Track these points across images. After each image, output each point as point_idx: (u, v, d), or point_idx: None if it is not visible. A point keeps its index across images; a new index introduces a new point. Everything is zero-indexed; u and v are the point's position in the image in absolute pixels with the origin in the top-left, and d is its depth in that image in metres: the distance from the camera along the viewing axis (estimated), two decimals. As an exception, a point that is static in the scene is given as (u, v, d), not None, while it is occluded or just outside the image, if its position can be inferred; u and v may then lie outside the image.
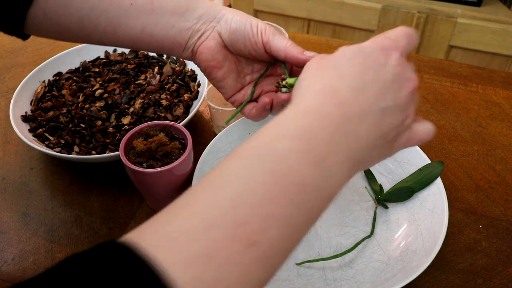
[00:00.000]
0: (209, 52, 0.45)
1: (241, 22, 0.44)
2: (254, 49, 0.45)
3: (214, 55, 0.45)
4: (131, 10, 0.43)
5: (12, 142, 0.62)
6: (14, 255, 0.48)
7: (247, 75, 0.48)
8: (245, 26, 0.44)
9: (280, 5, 1.40)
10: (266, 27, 0.45)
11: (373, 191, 0.54)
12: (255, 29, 0.44)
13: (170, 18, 0.44)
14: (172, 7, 0.44)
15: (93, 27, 0.43)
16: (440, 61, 0.79)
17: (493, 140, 0.63)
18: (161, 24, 0.44)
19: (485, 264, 0.47)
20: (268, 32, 0.44)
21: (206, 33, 0.45)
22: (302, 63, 0.43)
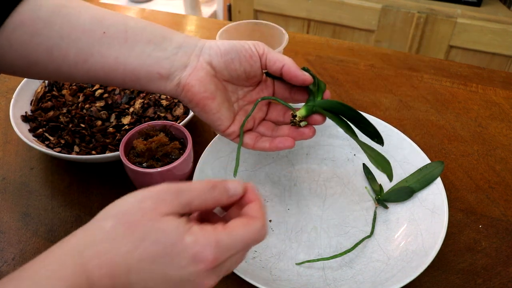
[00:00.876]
0: (201, 83, 0.42)
1: (230, 43, 0.43)
2: (251, 64, 0.43)
3: (206, 85, 0.43)
4: (104, 39, 0.40)
5: (12, 142, 0.62)
6: (14, 255, 0.48)
7: (234, 103, 0.46)
8: (235, 44, 0.43)
9: (280, 5, 1.40)
10: (257, 42, 0.44)
11: (373, 191, 0.54)
12: (247, 45, 0.43)
13: (145, 47, 0.41)
14: (147, 36, 0.42)
15: (63, 57, 0.40)
16: (440, 61, 0.79)
17: (493, 140, 0.63)
18: (136, 52, 0.41)
19: (485, 264, 0.47)
20: (262, 45, 0.44)
21: (192, 64, 0.43)
22: (299, 79, 0.43)
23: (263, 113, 0.48)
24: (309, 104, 0.45)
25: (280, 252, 0.48)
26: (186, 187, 0.31)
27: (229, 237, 0.30)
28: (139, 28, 0.42)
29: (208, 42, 0.44)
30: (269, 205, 0.53)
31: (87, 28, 0.40)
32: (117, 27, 0.41)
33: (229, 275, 0.46)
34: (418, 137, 0.63)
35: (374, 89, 0.73)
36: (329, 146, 0.58)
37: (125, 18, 0.42)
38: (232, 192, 0.33)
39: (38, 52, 0.40)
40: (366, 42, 1.38)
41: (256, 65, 0.44)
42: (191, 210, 0.31)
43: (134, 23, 0.42)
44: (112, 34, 0.41)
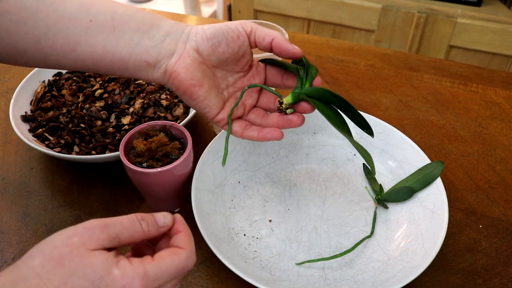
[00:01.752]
0: (188, 70, 0.42)
1: (215, 26, 0.42)
2: (239, 45, 0.42)
3: (193, 73, 0.42)
4: (91, 27, 0.40)
5: (12, 142, 0.62)
6: (14, 255, 0.48)
7: (224, 90, 0.46)
8: (221, 26, 0.42)
9: (280, 5, 1.40)
10: (244, 21, 0.43)
11: (373, 191, 0.54)
12: (233, 25, 0.42)
13: (133, 35, 0.41)
14: (135, 24, 0.41)
15: (50, 46, 0.40)
16: (440, 61, 0.79)
17: (493, 140, 0.63)
18: (124, 41, 0.41)
19: (485, 264, 0.47)
20: (249, 23, 0.43)
21: (178, 51, 0.42)
22: (289, 52, 0.43)
23: (254, 100, 0.47)
24: (296, 91, 0.44)
25: (280, 252, 0.48)
26: (113, 221, 0.32)
27: (156, 268, 0.30)
28: (127, 16, 0.41)
29: (195, 28, 0.43)
30: (269, 205, 0.53)
31: (74, 16, 0.40)
32: (104, 15, 0.41)
33: (229, 276, 0.46)
34: (418, 137, 0.63)
35: (374, 89, 0.73)
36: (329, 146, 0.58)
37: (114, 5, 0.42)
38: (161, 224, 0.34)
39: (25, 41, 0.39)
40: (366, 42, 1.38)
41: (244, 44, 0.43)
42: (120, 243, 0.32)
43: (122, 10, 0.41)
44: (99, 22, 0.40)
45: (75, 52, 0.40)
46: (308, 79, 0.44)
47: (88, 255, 0.30)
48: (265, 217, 0.51)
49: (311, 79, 0.44)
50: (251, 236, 0.49)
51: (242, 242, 0.48)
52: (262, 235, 0.49)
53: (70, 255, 0.29)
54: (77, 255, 0.29)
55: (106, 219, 0.32)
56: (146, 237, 0.33)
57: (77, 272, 0.29)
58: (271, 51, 0.43)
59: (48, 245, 0.30)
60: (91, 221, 0.31)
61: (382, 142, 0.56)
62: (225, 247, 0.45)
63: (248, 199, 0.53)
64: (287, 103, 0.44)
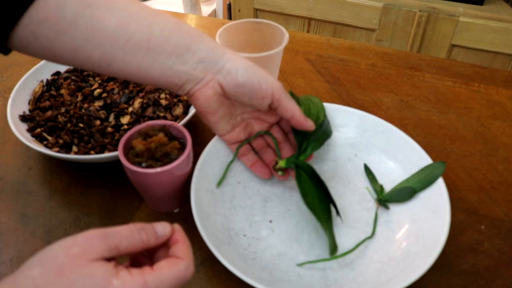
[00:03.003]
0: (206, 100, 0.45)
1: (248, 77, 0.44)
2: (260, 103, 0.45)
3: (210, 104, 0.45)
4: (127, 47, 0.41)
5: (10, 142, 0.62)
6: (12, 256, 0.48)
7: (239, 115, 0.49)
8: (252, 81, 0.44)
9: (280, 4, 1.39)
10: (275, 83, 0.45)
11: (374, 192, 0.53)
12: (265, 85, 0.44)
13: (167, 59, 0.42)
14: (170, 47, 0.42)
15: (87, 58, 0.41)
16: (441, 60, 0.79)
17: (495, 140, 0.63)
18: (158, 64, 0.42)
19: (487, 265, 0.47)
20: (280, 90, 0.45)
21: (205, 80, 0.44)
22: (304, 127, 0.48)
23: (263, 142, 0.53)
24: (290, 159, 0.50)
25: (281, 253, 0.47)
26: (113, 231, 0.32)
27: (156, 279, 0.31)
28: (163, 37, 0.42)
29: (230, 63, 0.44)
30: (269, 205, 0.52)
31: (111, 34, 0.40)
32: (141, 35, 0.41)
33: (229, 277, 0.46)
34: (420, 137, 0.63)
35: (375, 89, 0.72)
36: (330, 146, 0.58)
37: (151, 24, 0.42)
38: (160, 234, 0.34)
39: (63, 49, 0.40)
40: (367, 41, 1.37)
41: (264, 104, 0.46)
42: (119, 253, 0.32)
43: (159, 31, 0.42)
44: (135, 42, 0.41)
45: (110, 67, 0.42)
46: (305, 154, 0.50)
47: (87, 265, 0.29)
48: (265, 218, 0.51)
49: (307, 155, 0.50)
50: (251, 236, 0.49)
51: (242, 243, 0.48)
52: (262, 235, 0.49)
53: (69, 266, 0.29)
54: (76, 266, 0.29)
55: (106, 229, 0.32)
56: (145, 247, 0.33)
57: (77, 283, 0.29)
58: (289, 122, 0.48)
59: (47, 256, 0.30)
60: (91, 231, 0.31)
61: (383, 142, 0.55)
62: (225, 248, 0.45)
63: (248, 199, 0.53)
64: (280, 166, 0.50)
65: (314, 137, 0.52)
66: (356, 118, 0.57)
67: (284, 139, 0.53)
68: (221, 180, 0.51)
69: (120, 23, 0.41)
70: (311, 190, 0.48)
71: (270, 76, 0.46)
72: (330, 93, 0.71)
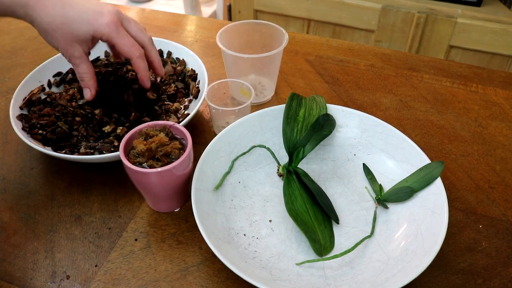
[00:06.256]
0: None
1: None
2: None
3: None
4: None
5: (12, 142, 0.62)
6: (14, 255, 0.48)
7: None
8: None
9: (280, 5, 1.40)
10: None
11: (373, 191, 0.54)
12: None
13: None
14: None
15: None
16: (440, 61, 0.79)
17: (493, 140, 0.63)
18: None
19: (485, 264, 0.47)
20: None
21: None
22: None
23: None
24: (288, 167, 0.54)
25: (280, 252, 0.48)
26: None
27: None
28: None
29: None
30: (269, 205, 0.53)
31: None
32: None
33: (229, 276, 0.46)
34: (418, 137, 0.63)
35: (374, 89, 0.73)
36: (329, 146, 0.58)
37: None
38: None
39: None
40: (366, 42, 1.38)
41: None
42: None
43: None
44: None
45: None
46: (297, 160, 0.53)
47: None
48: (265, 217, 0.51)
49: (299, 161, 0.53)
50: (251, 236, 0.49)
51: (242, 242, 0.48)
52: (262, 235, 0.49)
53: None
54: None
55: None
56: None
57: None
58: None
59: None
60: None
61: (382, 142, 0.56)
62: (225, 247, 0.45)
63: (248, 199, 0.53)
64: (281, 171, 0.54)
65: (308, 137, 0.54)
66: (355, 118, 0.57)
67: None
68: (219, 185, 0.52)
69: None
70: (302, 195, 0.50)
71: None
72: (329, 93, 0.71)
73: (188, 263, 0.47)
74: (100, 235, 0.50)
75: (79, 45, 0.51)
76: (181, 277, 0.46)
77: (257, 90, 0.69)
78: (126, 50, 0.52)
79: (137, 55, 0.52)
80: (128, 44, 0.52)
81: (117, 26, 0.50)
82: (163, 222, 0.52)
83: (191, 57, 0.69)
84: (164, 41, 0.72)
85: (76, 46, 0.51)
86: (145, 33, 0.55)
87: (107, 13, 0.50)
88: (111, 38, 0.51)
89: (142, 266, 0.47)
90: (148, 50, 0.55)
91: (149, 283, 0.46)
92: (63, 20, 0.49)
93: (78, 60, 0.52)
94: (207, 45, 0.84)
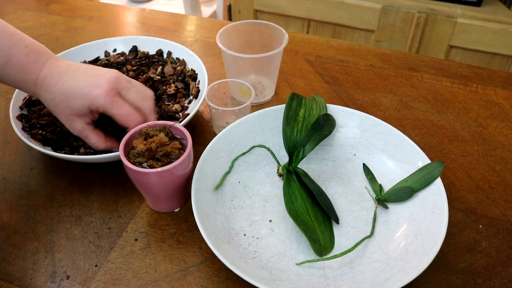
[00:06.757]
0: None
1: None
2: None
3: None
4: None
5: (12, 142, 0.62)
6: (14, 255, 0.48)
7: None
8: None
9: (280, 5, 1.40)
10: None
11: (373, 191, 0.54)
12: None
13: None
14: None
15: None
16: (440, 61, 0.79)
17: (493, 140, 0.63)
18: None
19: (485, 264, 0.47)
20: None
21: None
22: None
23: None
24: (288, 167, 0.54)
25: (280, 252, 0.48)
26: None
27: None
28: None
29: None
30: (269, 205, 0.53)
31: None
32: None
33: (229, 276, 0.46)
34: (418, 137, 0.63)
35: (374, 89, 0.73)
36: (329, 146, 0.58)
37: None
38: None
39: None
40: (366, 42, 1.38)
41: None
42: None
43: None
44: None
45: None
46: (297, 160, 0.53)
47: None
48: (265, 217, 0.51)
49: (299, 161, 0.53)
50: (251, 236, 0.49)
51: (242, 242, 0.48)
52: (262, 235, 0.49)
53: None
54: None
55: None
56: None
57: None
58: None
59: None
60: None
61: (382, 142, 0.56)
62: (225, 247, 0.45)
63: (248, 199, 0.53)
64: (281, 171, 0.55)
65: (308, 137, 0.54)
66: (355, 118, 0.57)
67: None
68: (219, 185, 0.52)
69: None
70: (302, 195, 0.50)
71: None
72: (329, 93, 0.71)
73: (188, 263, 0.47)
74: (100, 235, 0.50)
75: (80, 119, 0.51)
76: (181, 277, 0.46)
77: (257, 90, 0.69)
78: (122, 120, 0.51)
79: (133, 126, 0.51)
80: (124, 115, 0.50)
81: (112, 96, 0.50)
82: (163, 222, 0.52)
83: (191, 57, 0.69)
84: (164, 41, 0.72)
85: (77, 120, 0.51)
86: (149, 101, 0.53)
87: (105, 82, 0.50)
88: (106, 109, 0.50)
89: (142, 266, 0.47)
90: (147, 119, 0.53)
91: (149, 283, 0.46)
92: (62, 97, 0.50)
93: (83, 133, 0.52)
94: (207, 45, 0.84)
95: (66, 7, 1.00)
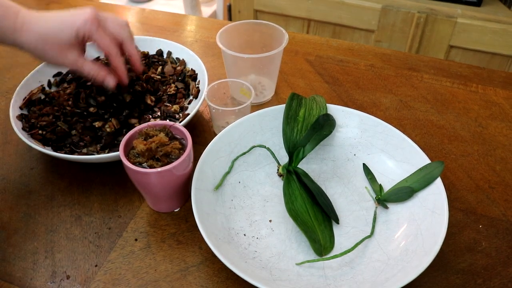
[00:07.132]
0: None
1: None
2: None
3: None
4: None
5: (12, 142, 0.62)
6: (14, 255, 0.48)
7: None
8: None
9: (280, 5, 1.40)
10: None
11: (373, 191, 0.54)
12: None
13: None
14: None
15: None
16: (440, 61, 0.79)
17: (493, 140, 0.63)
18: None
19: (485, 264, 0.47)
20: None
21: None
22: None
23: None
24: (288, 167, 0.54)
25: (280, 252, 0.48)
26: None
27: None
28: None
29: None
30: (269, 205, 0.53)
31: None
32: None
33: (229, 276, 0.46)
34: (418, 137, 0.63)
35: (374, 89, 0.73)
36: (329, 146, 0.58)
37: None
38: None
39: None
40: (366, 42, 1.38)
41: None
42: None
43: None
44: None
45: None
46: (297, 160, 0.53)
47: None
48: (265, 217, 0.51)
49: (299, 161, 0.53)
50: (251, 236, 0.49)
51: (242, 242, 0.48)
52: (262, 235, 0.49)
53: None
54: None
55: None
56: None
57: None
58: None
59: None
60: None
61: (382, 142, 0.56)
62: (225, 247, 0.45)
63: (248, 199, 0.53)
64: (281, 171, 0.55)
65: (308, 137, 0.54)
66: (355, 118, 0.57)
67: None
68: (219, 185, 0.52)
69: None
70: (302, 195, 0.50)
71: None
72: (329, 93, 0.72)
73: (188, 263, 0.47)
74: (100, 235, 0.50)
75: (71, 50, 0.53)
76: (181, 277, 0.46)
77: (257, 90, 0.69)
78: (104, 48, 0.53)
79: (113, 53, 0.54)
80: (106, 42, 0.53)
81: (96, 23, 0.52)
82: (163, 222, 0.52)
83: (191, 57, 0.69)
84: (164, 41, 0.72)
85: (68, 52, 0.53)
86: (125, 28, 0.56)
87: (88, 11, 0.53)
88: (91, 34, 0.52)
89: (142, 266, 0.47)
90: (126, 45, 0.56)
91: (149, 283, 0.46)
92: (48, 32, 0.51)
93: (78, 62, 0.54)
94: (207, 45, 0.84)
95: (66, 7, 1.00)
